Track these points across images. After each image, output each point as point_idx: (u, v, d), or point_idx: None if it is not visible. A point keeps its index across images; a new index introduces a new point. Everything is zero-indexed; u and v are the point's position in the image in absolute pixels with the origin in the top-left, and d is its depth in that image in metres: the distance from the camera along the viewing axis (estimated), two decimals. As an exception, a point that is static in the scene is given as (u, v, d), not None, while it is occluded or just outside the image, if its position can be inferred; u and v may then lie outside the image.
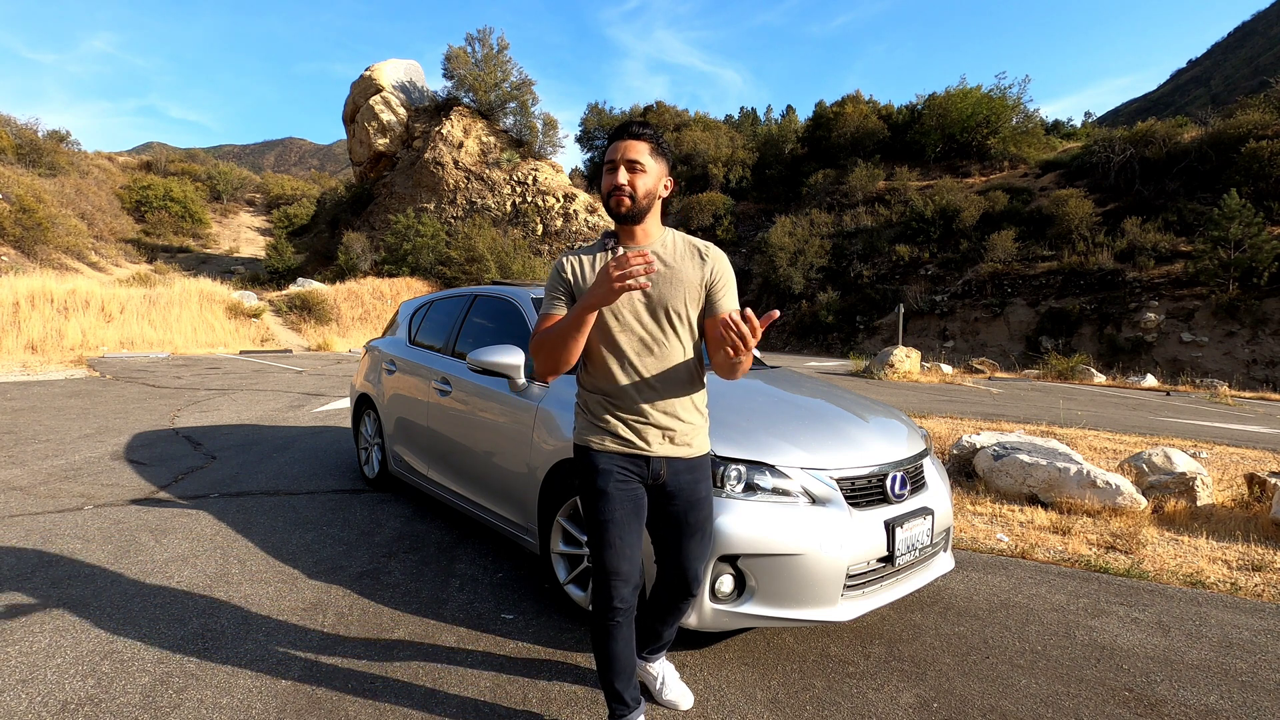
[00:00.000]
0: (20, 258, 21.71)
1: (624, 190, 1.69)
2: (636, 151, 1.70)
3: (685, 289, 1.75)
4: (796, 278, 29.83)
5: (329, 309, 20.73)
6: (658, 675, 2.12)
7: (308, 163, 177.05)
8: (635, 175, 1.70)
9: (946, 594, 3.09)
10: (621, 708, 1.87)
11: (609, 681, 1.85)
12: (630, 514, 1.77)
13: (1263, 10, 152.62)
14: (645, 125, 1.74)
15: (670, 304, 1.74)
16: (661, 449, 1.79)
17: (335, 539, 3.56)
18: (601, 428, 1.80)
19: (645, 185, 1.71)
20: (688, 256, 1.78)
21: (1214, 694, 2.31)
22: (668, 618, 1.99)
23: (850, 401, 3.11)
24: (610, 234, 1.81)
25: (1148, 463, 4.97)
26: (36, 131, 32.79)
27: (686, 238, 1.84)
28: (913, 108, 37.45)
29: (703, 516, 1.88)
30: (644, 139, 1.72)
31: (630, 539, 1.76)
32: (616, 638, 1.79)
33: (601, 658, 1.83)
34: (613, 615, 1.77)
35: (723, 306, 1.76)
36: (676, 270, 1.75)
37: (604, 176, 1.75)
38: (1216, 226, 21.39)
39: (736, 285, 1.82)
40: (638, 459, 1.78)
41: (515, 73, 29.77)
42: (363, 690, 2.15)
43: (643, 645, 2.06)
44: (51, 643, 2.37)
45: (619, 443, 1.78)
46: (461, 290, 4.29)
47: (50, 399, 8.00)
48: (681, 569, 1.89)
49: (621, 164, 1.70)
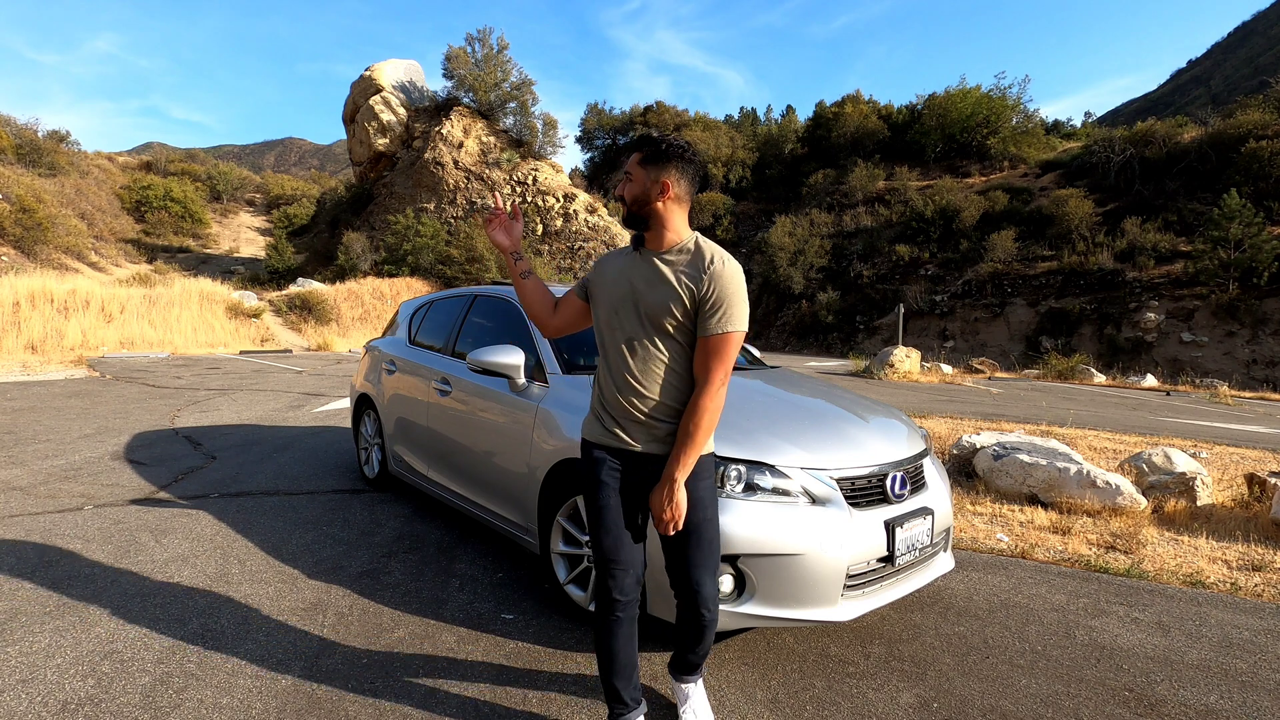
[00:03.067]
0: (20, 258, 21.72)
1: (620, 198, 1.83)
2: (629, 162, 1.82)
3: (668, 298, 1.72)
4: (796, 278, 29.84)
5: (329, 309, 20.72)
6: (687, 695, 2.04)
7: (308, 163, 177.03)
8: (624, 184, 1.82)
9: (946, 594, 3.09)
10: (620, 707, 1.86)
11: (608, 679, 1.86)
12: (628, 503, 1.83)
13: (1263, 10, 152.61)
14: (646, 137, 1.81)
15: (653, 311, 1.74)
16: (648, 446, 1.79)
17: (335, 539, 3.56)
18: (596, 420, 1.89)
19: (631, 192, 1.79)
20: (686, 268, 1.74)
21: (1214, 694, 2.31)
22: (692, 641, 1.92)
23: (850, 401, 3.11)
24: (638, 238, 1.87)
25: (1148, 463, 4.97)
26: (36, 131, 32.78)
27: (702, 249, 1.76)
28: (913, 108, 37.46)
29: (700, 519, 1.79)
30: (636, 149, 1.81)
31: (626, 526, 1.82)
32: (617, 634, 1.82)
33: (602, 655, 1.86)
34: (613, 608, 1.81)
35: (710, 326, 1.69)
36: (665, 280, 1.74)
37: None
38: (1216, 226, 21.40)
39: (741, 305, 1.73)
40: (623, 454, 1.83)
41: (515, 73, 29.76)
42: (363, 690, 2.15)
43: (673, 665, 2.05)
44: (51, 643, 2.37)
45: (607, 436, 1.84)
46: (461, 290, 4.29)
47: (50, 399, 8.00)
48: (686, 579, 1.82)
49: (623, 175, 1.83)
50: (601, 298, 1.86)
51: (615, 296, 1.81)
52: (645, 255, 1.81)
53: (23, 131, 31.54)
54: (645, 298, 1.76)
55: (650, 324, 1.76)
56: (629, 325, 1.79)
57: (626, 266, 1.83)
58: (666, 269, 1.76)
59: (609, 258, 1.92)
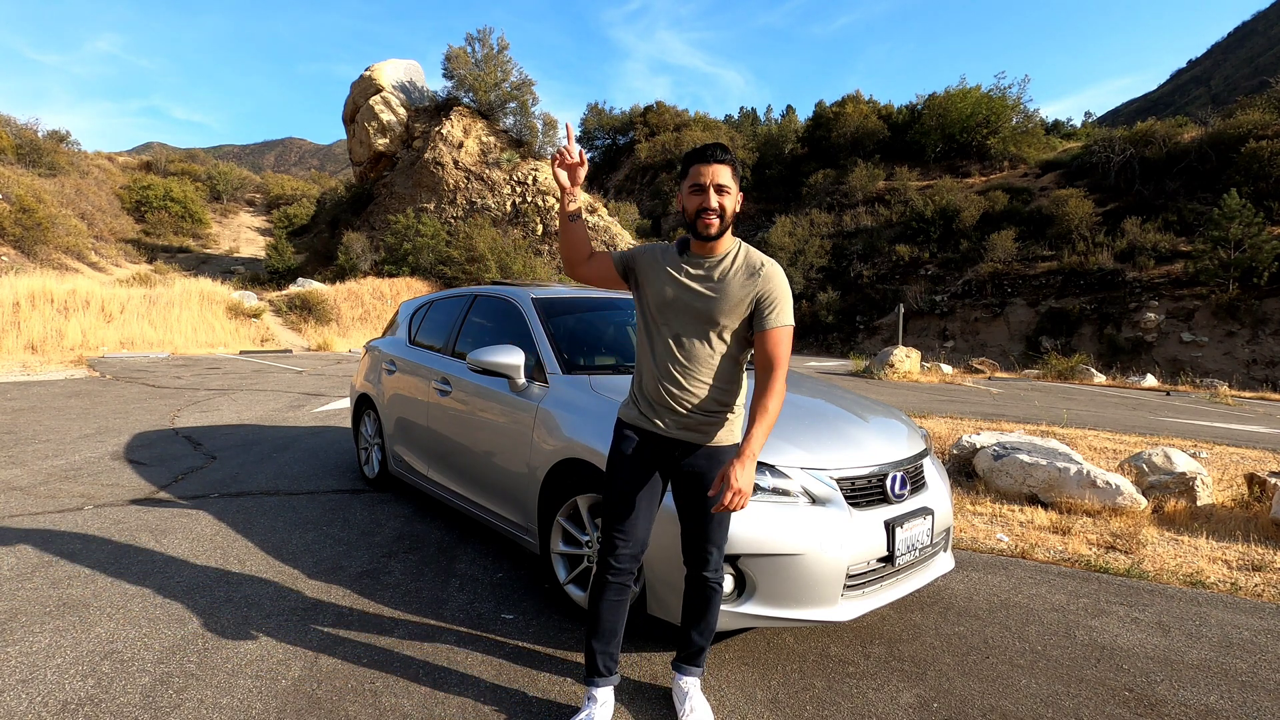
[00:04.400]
0: (20, 258, 21.71)
1: (714, 212, 1.83)
2: (724, 176, 1.83)
3: (729, 303, 1.87)
4: (796, 278, 29.83)
5: (329, 309, 20.72)
6: (686, 693, 2.05)
7: (308, 163, 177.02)
8: (723, 198, 1.84)
9: (946, 594, 3.09)
10: (593, 673, 1.97)
11: (589, 640, 1.98)
12: (640, 480, 1.94)
13: (1263, 10, 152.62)
14: (726, 150, 1.86)
15: (710, 314, 1.88)
16: (677, 434, 1.92)
17: (335, 539, 3.56)
18: (631, 403, 2.02)
19: (731, 207, 1.86)
20: (742, 273, 1.88)
21: (1214, 694, 2.31)
22: (697, 617, 2.03)
23: (850, 401, 3.11)
24: (684, 240, 1.95)
25: (1148, 463, 4.97)
26: (36, 131, 32.78)
27: (749, 254, 1.93)
28: (913, 108, 37.46)
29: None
30: (728, 164, 1.84)
31: (640, 505, 1.94)
32: (606, 596, 1.95)
33: (589, 613, 1.99)
34: (606, 570, 1.95)
35: (769, 322, 1.87)
36: (724, 286, 1.87)
37: (687, 196, 1.87)
38: (1216, 226, 21.40)
39: (790, 300, 1.92)
40: (652, 436, 1.95)
41: (515, 73, 29.75)
42: (363, 690, 2.15)
43: (678, 655, 2.11)
44: (51, 643, 2.37)
45: (639, 419, 1.97)
46: (461, 290, 4.29)
47: (50, 399, 8.00)
48: (702, 546, 1.96)
49: (711, 188, 1.82)
50: (651, 293, 1.94)
51: (667, 296, 1.90)
52: (698, 260, 1.90)
53: (23, 131, 31.55)
54: (703, 301, 1.87)
55: (706, 324, 1.88)
56: (679, 323, 1.90)
57: (677, 267, 1.91)
58: (731, 274, 1.88)
59: (654, 253, 1.98)
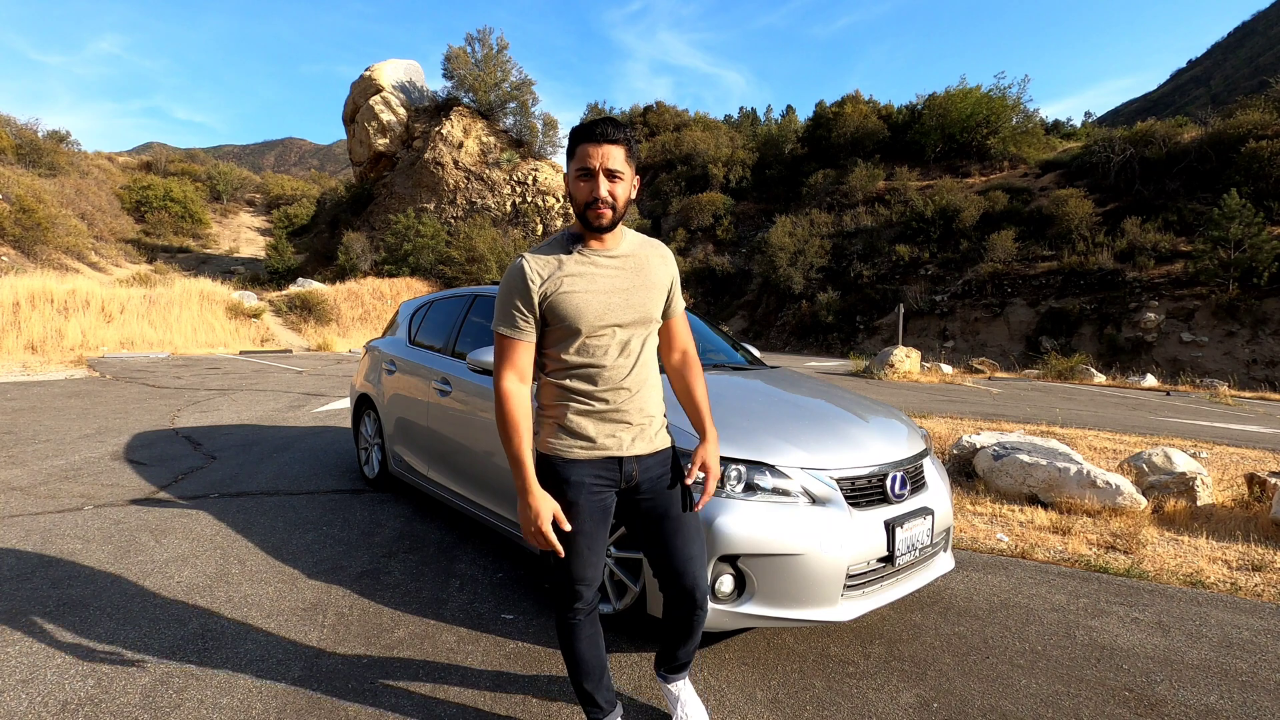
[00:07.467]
0: (20, 258, 21.71)
1: (605, 202, 1.57)
2: (614, 159, 1.55)
3: (658, 292, 1.73)
4: (796, 278, 29.82)
5: (329, 309, 20.74)
6: (677, 697, 1.99)
7: (308, 163, 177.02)
8: (615, 184, 1.57)
9: (946, 594, 3.09)
10: (595, 711, 1.83)
11: (578, 684, 1.82)
12: (598, 523, 1.72)
13: (1263, 10, 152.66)
14: (618, 125, 1.57)
15: (648, 309, 1.71)
16: (634, 448, 1.71)
17: (335, 539, 3.56)
18: (573, 433, 1.68)
19: (625, 194, 1.60)
20: (654, 259, 1.75)
21: (1214, 694, 2.30)
22: (681, 637, 1.87)
23: (850, 401, 3.11)
24: (574, 235, 1.68)
25: (1148, 463, 4.96)
26: (36, 132, 32.79)
27: (641, 238, 1.77)
28: (913, 108, 37.42)
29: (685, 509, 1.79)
30: (621, 143, 1.56)
31: (597, 547, 1.73)
32: (579, 636, 1.76)
33: (568, 659, 1.80)
34: (574, 614, 1.75)
35: (675, 307, 1.82)
36: (649, 274, 1.72)
37: (574, 183, 1.59)
38: (1216, 226, 21.38)
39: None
40: (610, 463, 1.69)
41: (515, 73, 29.79)
42: (363, 691, 2.15)
43: (661, 664, 1.99)
44: (51, 643, 2.37)
45: (592, 448, 1.68)
46: (461, 290, 4.29)
47: (50, 399, 8.00)
48: (677, 573, 1.75)
49: (600, 172, 1.55)
50: (581, 306, 1.61)
51: (600, 303, 1.63)
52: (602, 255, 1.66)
53: (22, 131, 31.57)
54: (639, 296, 1.68)
55: (645, 322, 1.71)
56: (622, 328, 1.67)
57: (594, 268, 1.65)
58: (649, 263, 1.73)
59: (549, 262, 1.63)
